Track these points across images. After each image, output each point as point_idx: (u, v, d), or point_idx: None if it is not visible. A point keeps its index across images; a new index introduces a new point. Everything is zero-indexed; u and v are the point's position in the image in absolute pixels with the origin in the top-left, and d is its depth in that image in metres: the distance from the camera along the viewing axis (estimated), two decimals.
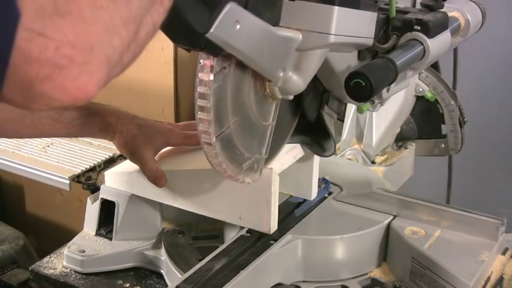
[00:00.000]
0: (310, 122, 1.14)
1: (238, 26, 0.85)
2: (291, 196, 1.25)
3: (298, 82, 1.01)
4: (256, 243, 1.12)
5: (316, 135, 1.16)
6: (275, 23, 0.95)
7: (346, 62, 1.08)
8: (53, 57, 0.57)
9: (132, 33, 0.63)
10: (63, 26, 0.57)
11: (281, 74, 0.99)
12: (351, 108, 1.47)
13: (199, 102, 0.92)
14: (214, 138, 0.93)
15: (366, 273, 1.17)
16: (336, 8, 0.93)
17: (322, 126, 1.14)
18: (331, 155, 1.18)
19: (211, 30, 0.81)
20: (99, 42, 0.59)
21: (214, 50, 0.85)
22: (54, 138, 1.62)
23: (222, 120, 0.94)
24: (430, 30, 1.09)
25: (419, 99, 1.53)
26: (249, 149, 1.01)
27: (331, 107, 1.13)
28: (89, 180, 1.45)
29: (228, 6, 0.82)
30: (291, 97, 1.04)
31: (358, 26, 1.00)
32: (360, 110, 1.13)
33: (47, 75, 0.57)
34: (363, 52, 1.09)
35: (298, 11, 0.95)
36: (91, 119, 1.18)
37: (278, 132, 1.11)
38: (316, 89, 1.09)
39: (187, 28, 0.80)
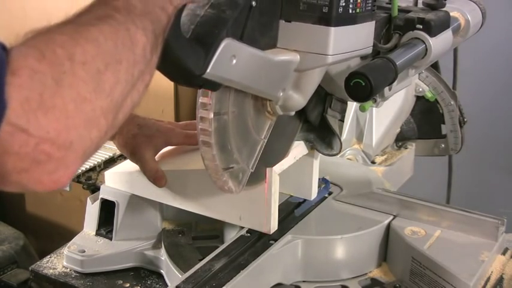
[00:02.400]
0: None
1: (234, 61, 0.85)
2: (291, 196, 1.25)
3: (298, 99, 1.02)
4: (256, 243, 1.12)
5: (319, 133, 1.16)
6: (272, 45, 0.95)
7: (346, 63, 1.08)
8: (33, 153, 0.58)
9: (111, 121, 0.64)
10: (46, 122, 0.58)
11: (281, 94, 1.00)
12: (351, 108, 1.47)
13: (201, 113, 0.93)
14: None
15: (366, 273, 1.17)
16: (333, 29, 0.93)
17: (327, 126, 1.14)
18: (337, 154, 1.18)
19: (208, 71, 0.81)
20: (78, 137, 0.60)
21: (212, 86, 0.86)
22: None
23: (221, 105, 0.95)
24: (432, 29, 1.09)
25: (419, 99, 1.53)
26: (239, 151, 1.01)
27: (335, 108, 1.13)
28: (89, 180, 1.45)
29: (224, 43, 0.82)
30: (293, 113, 1.05)
31: (356, 40, 0.99)
32: (362, 108, 1.13)
33: (24, 168, 0.58)
34: None
35: (295, 32, 0.94)
36: None
37: (283, 137, 1.12)
38: (318, 94, 1.09)
39: (184, 71, 0.80)
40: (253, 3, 0.88)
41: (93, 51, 0.62)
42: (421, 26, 1.09)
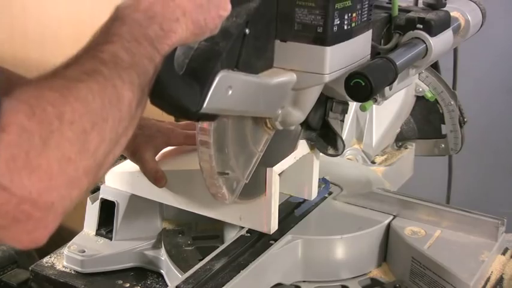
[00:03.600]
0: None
1: (230, 91, 0.85)
2: (291, 196, 1.25)
3: (298, 115, 1.02)
4: (256, 243, 1.12)
5: (322, 134, 1.16)
6: (269, 66, 0.95)
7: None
8: (13, 212, 0.58)
9: (92, 179, 0.65)
10: (29, 183, 0.58)
11: (279, 112, 1.00)
12: (351, 108, 1.47)
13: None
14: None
15: (366, 273, 1.17)
16: (328, 49, 0.93)
17: (329, 128, 1.14)
18: (339, 155, 1.18)
19: (204, 106, 0.81)
20: (59, 198, 0.60)
21: (209, 119, 0.86)
22: None
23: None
24: (433, 29, 1.09)
25: (419, 99, 1.53)
26: (236, 158, 1.01)
27: (336, 111, 1.13)
28: None
29: (219, 77, 0.82)
30: (293, 127, 1.05)
31: (353, 54, 0.99)
32: (362, 108, 1.13)
33: (3, 226, 0.59)
34: None
35: (290, 52, 0.94)
36: None
37: (286, 140, 1.12)
38: (318, 100, 1.09)
39: (179, 108, 0.80)
40: (247, 31, 0.87)
41: (82, 111, 0.62)
42: (421, 26, 1.09)
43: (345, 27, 0.95)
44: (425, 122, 1.55)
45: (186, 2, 0.75)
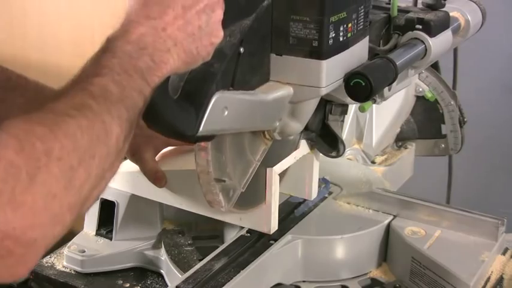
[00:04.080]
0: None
1: (226, 112, 0.85)
2: (291, 196, 1.25)
3: (296, 126, 1.02)
4: (256, 243, 1.12)
5: (322, 136, 1.16)
6: (265, 80, 0.94)
7: None
8: None
9: (75, 215, 0.64)
10: (13, 219, 0.57)
11: (277, 123, 1.00)
12: (351, 108, 1.47)
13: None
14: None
15: (366, 273, 1.17)
16: (324, 62, 0.92)
17: (329, 131, 1.14)
18: (338, 157, 1.18)
19: (200, 130, 0.81)
20: (42, 234, 0.60)
21: (206, 139, 0.86)
22: None
23: None
24: (432, 29, 1.09)
25: (419, 99, 1.53)
26: (233, 166, 1.01)
27: (335, 113, 1.13)
28: None
29: (214, 99, 0.82)
30: (292, 137, 1.04)
31: (349, 62, 0.99)
32: (361, 109, 1.13)
33: None
34: None
35: (286, 65, 0.94)
36: None
37: (286, 142, 1.12)
38: (317, 104, 1.09)
39: (175, 133, 0.80)
40: (241, 49, 0.87)
41: (70, 147, 0.62)
42: (420, 26, 1.09)
43: (341, 39, 0.94)
44: (425, 122, 1.55)
45: (177, 32, 0.75)
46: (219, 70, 0.83)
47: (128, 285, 1.19)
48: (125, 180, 1.23)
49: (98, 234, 1.27)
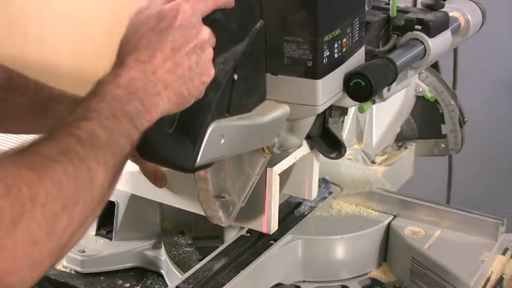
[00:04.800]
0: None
1: (223, 140, 0.84)
2: (291, 196, 1.25)
3: (294, 140, 1.02)
4: (256, 243, 1.12)
5: (323, 139, 1.16)
6: (261, 100, 0.94)
7: None
8: None
9: (54, 260, 0.64)
10: None
11: (276, 140, 0.99)
12: (351, 108, 1.47)
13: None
14: None
15: (366, 273, 1.17)
16: (319, 81, 0.91)
17: (330, 134, 1.14)
18: (339, 158, 1.18)
19: (197, 161, 0.81)
20: (20, 279, 0.60)
21: (204, 167, 0.86)
22: None
23: None
24: (431, 30, 1.09)
25: (419, 99, 1.53)
26: (232, 182, 1.01)
27: (335, 116, 1.13)
28: None
29: (210, 129, 0.82)
30: (291, 150, 1.04)
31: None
32: (361, 110, 1.13)
33: None
34: None
35: (282, 85, 0.93)
36: None
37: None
38: None
39: (173, 166, 0.80)
40: (235, 76, 0.86)
41: (55, 194, 0.62)
42: (419, 27, 1.09)
43: (336, 56, 0.93)
44: (425, 122, 1.55)
45: (167, 75, 0.74)
46: (214, 100, 0.82)
47: (127, 285, 1.19)
48: (125, 180, 1.23)
49: (98, 234, 1.27)
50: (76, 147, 0.66)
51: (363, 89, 0.94)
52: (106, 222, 1.26)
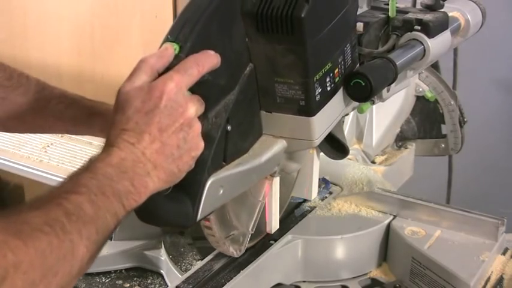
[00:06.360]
0: None
1: (222, 190, 0.85)
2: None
3: (295, 166, 1.04)
4: (256, 243, 1.12)
5: (325, 140, 1.16)
6: (257, 137, 0.94)
7: None
8: None
9: None
10: None
11: (276, 168, 1.00)
12: None
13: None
14: None
15: (366, 273, 1.17)
16: (314, 118, 0.91)
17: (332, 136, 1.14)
18: (342, 159, 1.18)
19: (198, 217, 0.81)
20: None
21: (205, 218, 0.87)
22: (55, 138, 1.62)
23: None
24: (431, 30, 1.09)
25: (419, 99, 1.53)
26: (238, 218, 1.02)
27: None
28: None
29: (208, 185, 0.82)
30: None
31: (340, 103, 0.98)
32: (360, 110, 1.13)
33: None
34: (361, 57, 1.09)
35: (277, 121, 0.93)
36: (92, 119, 1.18)
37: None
38: None
39: (174, 225, 0.83)
40: (229, 128, 0.86)
41: (37, 263, 0.64)
42: (419, 27, 1.09)
43: (329, 88, 0.93)
44: (425, 122, 1.55)
45: (156, 155, 0.76)
46: (209, 156, 0.83)
47: (127, 285, 1.19)
48: None
49: None
50: (62, 219, 0.67)
51: (363, 89, 0.94)
52: None
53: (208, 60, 0.80)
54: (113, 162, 0.74)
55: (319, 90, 0.90)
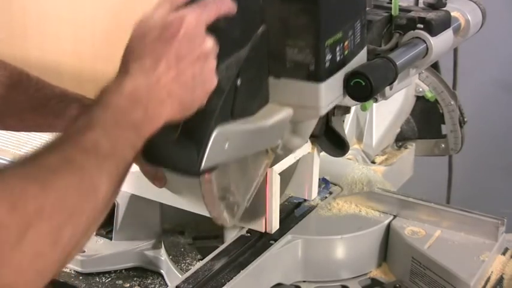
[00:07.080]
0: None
1: (227, 144, 0.85)
2: (291, 196, 1.25)
3: (298, 141, 1.03)
4: (256, 243, 1.12)
5: (325, 137, 1.16)
6: (264, 103, 0.94)
7: None
8: None
9: (58, 270, 0.65)
10: None
11: (280, 141, 1.00)
12: (352, 107, 1.47)
13: None
14: None
15: (366, 273, 1.17)
16: (322, 85, 0.91)
17: (333, 132, 1.13)
18: (342, 156, 1.17)
19: (202, 166, 0.81)
20: None
21: (209, 171, 0.86)
22: None
23: None
24: (433, 29, 1.09)
25: (419, 99, 1.53)
26: (236, 183, 1.01)
27: (337, 114, 1.12)
28: None
29: (214, 134, 0.82)
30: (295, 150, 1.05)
31: None
32: (363, 108, 1.13)
33: None
34: None
35: (285, 88, 0.93)
36: None
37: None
38: None
39: (178, 170, 0.81)
40: (239, 82, 0.86)
41: (60, 205, 0.63)
42: (422, 26, 1.09)
43: (338, 59, 0.93)
44: (425, 122, 1.55)
45: (171, 83, 0.75)
46: (218, 105, 0.83)
47: (127, 285, 1.19)
48: (125, 180, 1.23)
49: (98, 234, 1.27)
50: (80, 157, 0.67)
51: (363, 88, 0.94)
52: (106, 222, 1.25)
53: (225, 1, 0.80)
54: (125, 92, 0.72)
55: (329, 57, 0.91)
